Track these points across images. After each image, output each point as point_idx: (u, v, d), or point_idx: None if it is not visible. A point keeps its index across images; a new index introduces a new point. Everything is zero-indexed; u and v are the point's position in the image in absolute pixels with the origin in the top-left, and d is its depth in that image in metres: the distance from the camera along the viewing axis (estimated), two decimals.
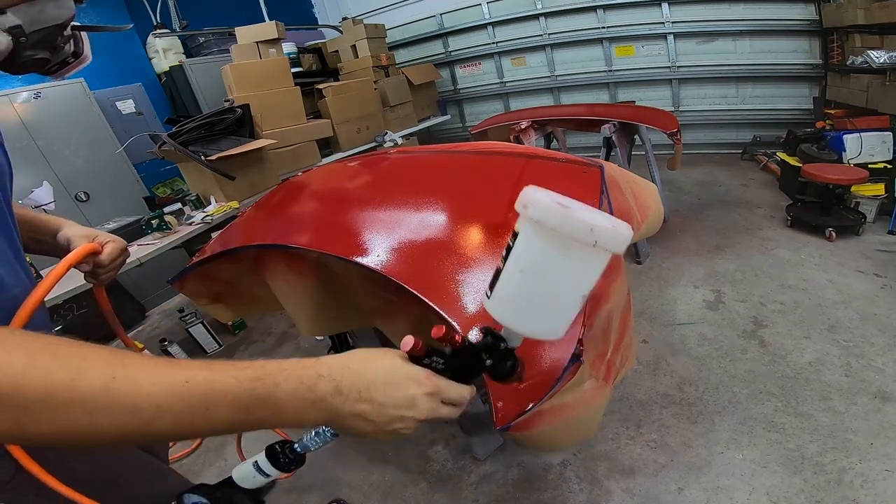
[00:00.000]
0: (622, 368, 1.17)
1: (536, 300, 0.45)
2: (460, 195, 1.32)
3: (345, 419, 0.48)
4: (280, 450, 0.56)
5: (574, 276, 0.44)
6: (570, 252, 0.42)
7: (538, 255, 0.43)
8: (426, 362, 0.52)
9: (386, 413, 0.48)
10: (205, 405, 0.40)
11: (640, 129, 2.99)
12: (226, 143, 2.94)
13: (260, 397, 0.43)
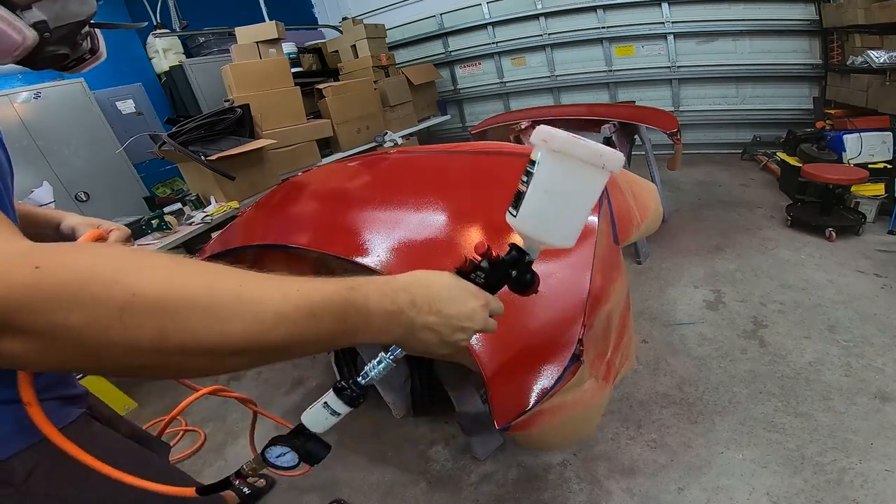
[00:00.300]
0: (622, 368, 1.17)
1: (556, 214, 0.56)
2: (460, 195, 1.32)
3: (417, 331, 0.52)
4: (346, 385, 0.58)
5: (585, 193, 0.55)
6: (583, 173, 0.53)
7: (559, 177, 0.53)
8: (472, 277, 0.60)
9: (450, 324, 0.54)
10: (312, 313, 0.42)
11: (640, 129, 2.99)
12: (226, 143, 2.94)
13: (355, 305, 0.46)
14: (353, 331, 0.47)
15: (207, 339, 0.37)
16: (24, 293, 0.31)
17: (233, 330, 0.38)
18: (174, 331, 0.35)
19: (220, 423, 2.10)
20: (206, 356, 0.38)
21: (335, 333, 0.45)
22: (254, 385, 2.37)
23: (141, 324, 0.34)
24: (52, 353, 0.33)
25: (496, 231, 1.12)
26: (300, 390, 2.26)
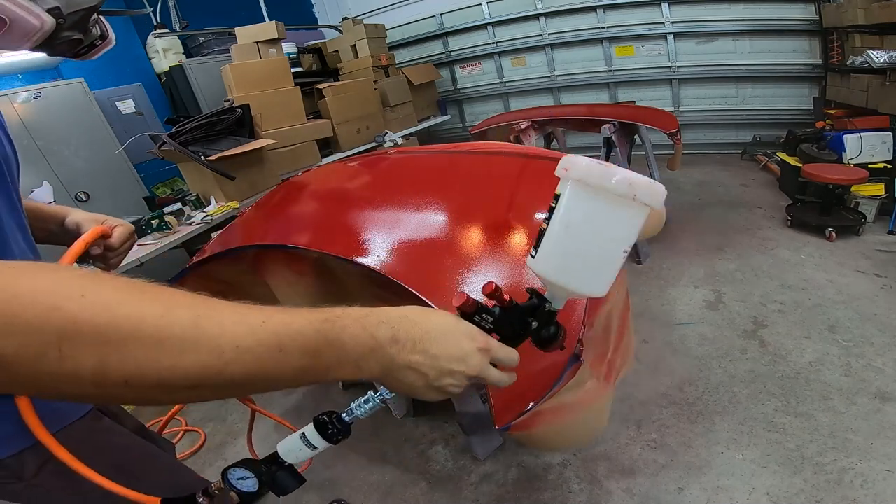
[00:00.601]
0: (622, 369, 1.17)
1: (581, 255, 0.48)
2: (460, 195, 1.32)
3: (399, 370, 0.47)
4: (328, 420, 0.54)
5: (616, 231, 0.47)
6: (612, 206, 0.45)
7: (581, 211, 0.46)
8: (476, 319, 0.53)
9: (438, 366, 0.48)
10: (279, 347, 0.39)
11: (640, 129, 2.99)
12: (226, 143, 2.94)
13: (328, 340, 0.42)
14: (326, 367, 0.43)
15: (154, 373, 0.34)
16: None
17: (185, 364, 0.35)
18: (117, 363, 0.33)
19: (220, 424, 2.11)
20: (154, 390, 0.35)
21: (305, 369, 0.41)
22: None
23: (80, 354, 0.31)
24: None
25: (496, 231, 1.12)
26: (300, 390, 2.26)
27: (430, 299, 0.95)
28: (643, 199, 0.45)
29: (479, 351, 0.50)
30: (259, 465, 0.57)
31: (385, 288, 1.14)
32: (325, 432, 0.54)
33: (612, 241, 0.48)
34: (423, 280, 1.00)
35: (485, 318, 0.53)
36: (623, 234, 0.47)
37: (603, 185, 0.45)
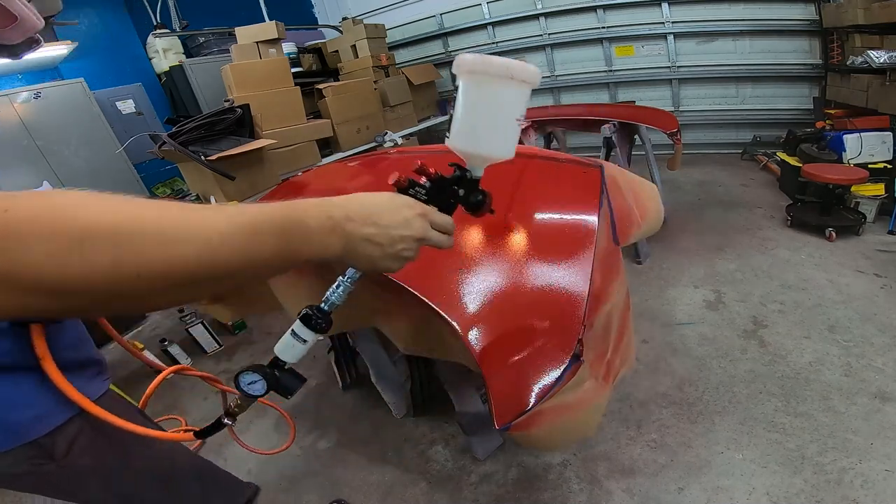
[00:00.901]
0: (622, 369, 1.17)
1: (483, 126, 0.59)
2: None
3: (357, 244, 0.54)
4: (311, 312, 0.62)
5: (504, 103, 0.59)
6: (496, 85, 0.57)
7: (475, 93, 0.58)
8: (411, 193, 0.62)
9: (389, 234, 0.56)
10: (254, 230, 0.44)
11: (640, 129, 2.99)
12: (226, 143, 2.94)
13: (293, 221, 0.48)
14: (296, 247, 0.48)
15: (159, 263, 0.38)
16: None
17: (183, 252, 0.39)
18: (128, 256, 0.37)
19: None
20: (161, 281, 0.39)
21: (279, 251, 0.47)
22: None
23: (98, 252, 0.35)
24: (12, 295, 0.33)
25: (495, 231, 1.12)
26: (300, 390, 2.26)
27: (430, 299, 0.95)
28: (520, 76, 0.58)
29: (418, 216, 0.59)
30: (263, 368, 0.64)
31: (384, 287, 1.14)
32: (309, 323, 0.61)
33: (504, 112, 0.59)
34: (422, 280, 1.00)
35: (418, 191, 0.63)
36: (511, 105, 0.59)
37: (486, 70, 0.56)
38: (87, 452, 0.75)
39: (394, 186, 0.63)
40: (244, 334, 2.89)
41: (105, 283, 0.36)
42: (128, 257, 0.37)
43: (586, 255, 1.00)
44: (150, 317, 3.40)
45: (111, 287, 0.37)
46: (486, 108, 0.59)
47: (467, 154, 0.63)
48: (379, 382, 1.90)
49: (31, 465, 0.70)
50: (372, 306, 1.26)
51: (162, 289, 0.40)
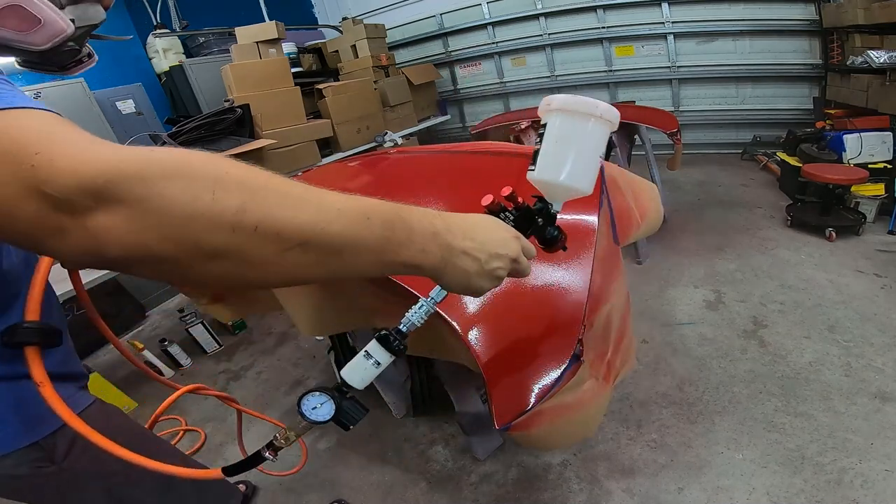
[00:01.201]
0: (622, 368, 1.17)
1: (568, 160, 0.63)
2: (460, 195, 1.32)
3: (455, 256, 0.54)
4: (389, 333, 0.60)
5: (590, 139, 0.62)
6: (584, 122, 0.61)
7: (564, 129, 0.62)
8: (501, 216, 0.65)
9: (486, 250, 0.56)
10: (366, 215, 0.46)
11: (640, 129, 2.99)
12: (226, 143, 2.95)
13: (401, 217, 0.49)
14: (399, 242, 0.49)
15: (279, 221, 0.40)
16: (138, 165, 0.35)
17: (301, 217, 0.41)
18: (254, 207, 0.38)
19: (220, 423, 2.11)
20: (274, 242, 0.40)
21: (383, 241, 0.47)
22: (254, 385, 2.37)
23: (228, 197, 0.37)
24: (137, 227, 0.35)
25: None
26: (300, 390, 2.26)
27: None
28: (605, 115, 0.61)
29: (514, 238, 0.60)
30: (331, 389, 0.60)
31: (385, 288, 1.14)
32: (387, 344, 0.59)
33: (589, 148, 0.63)
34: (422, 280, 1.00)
35: (507, 215, 0.65)
36: (595, 141, 0.63)
37: (576, 108, 0.61)
38: (86, 455, 0.76)
39: (486, 209, 0.66)
40: (244, 334, 2.89)
41: (224, 231, 0.37)
42: (252, 206, 0.38)
43: (586, 255, 1.00)
44: (150, 316, 3.40)
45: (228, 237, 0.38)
46: (575, 144, 0.62)
47: (553, 186, 0.65)
48: (379, 382, 1.90)
49: (32, 467, 0.72)
50: (372, 306, 1.26)
51: (273, 251, 0.40)
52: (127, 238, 0.35)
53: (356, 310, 1.31)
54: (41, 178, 0.32)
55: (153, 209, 0.35)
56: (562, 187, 0.64)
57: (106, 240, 0.34)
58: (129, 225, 0.34)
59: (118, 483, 0.86)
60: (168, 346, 2.57)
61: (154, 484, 0.91)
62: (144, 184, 0.34)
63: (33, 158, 0.32)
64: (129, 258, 0.36)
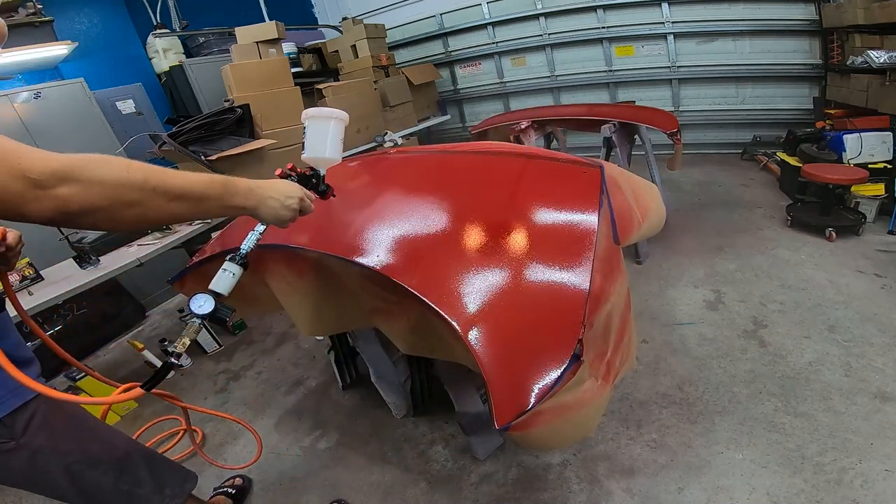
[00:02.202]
0: (622, 368, 1.17)
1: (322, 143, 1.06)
2: (460, 195, 1.32)
3: (265, 199, 0.89)
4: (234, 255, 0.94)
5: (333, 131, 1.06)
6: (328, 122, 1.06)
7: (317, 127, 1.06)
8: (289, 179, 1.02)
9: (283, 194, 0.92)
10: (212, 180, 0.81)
11: (640, 129, 2.99)
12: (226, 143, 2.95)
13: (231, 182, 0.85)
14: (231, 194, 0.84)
15: (166, 184, 0.72)
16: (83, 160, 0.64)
17: (178, 182, 0.74)
18: (151, 178, 0.70)
19: (221, 423, 2.11)
20: (164, 196, 0.72)
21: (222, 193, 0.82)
22: (254, 385, 2.37)
23: (136, 173, 0.69)
24: (85, 193, 0.63)
25: (495, 231, 1.12)
26: (300, 390, 2.26)
27: (430, 299, 0.95)
28: (338, 116, 1.07)
29: (298, 188, 0.97)
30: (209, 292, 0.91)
31: (385, 288, 1.14)
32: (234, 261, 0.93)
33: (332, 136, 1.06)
34: (422, 280, 1.00)
35: (292, 178, 1.03)
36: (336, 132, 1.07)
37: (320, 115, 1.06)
38: (43, 433, 0.90)
39: (278, 175, 1.03)
40: (244, 334, 2.89)
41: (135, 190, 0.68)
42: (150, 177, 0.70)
43: (586, 255, 1.00)
44: (150, 316, 3.40)
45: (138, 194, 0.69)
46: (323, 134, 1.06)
47: (316, 159, 1.07)
48: (379, 382, 1.90)
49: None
50: (372, 306, 1.26)
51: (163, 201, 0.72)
52: (81, 199, 0.63)
53: (356, 310, 1.32)
54: (26, 168, 0.59)
55: (95, 182, 0.64)
56: (323, 160, 1.07)
57: (69, 201, 0.62)
58: (82, 192, 0.63)
59: (76, 462, 0.96)
60: (168, 346, 2.57)
61: (110, 465, 1.02)
62: (89, 169, 0.64)
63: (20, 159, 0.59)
64: (81, 211, 0.63)
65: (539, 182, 1.31)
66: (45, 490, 0.97)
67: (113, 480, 1.03)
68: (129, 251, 2.47)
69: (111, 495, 1.04)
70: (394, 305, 1.19)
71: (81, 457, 0.97)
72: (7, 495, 1.91)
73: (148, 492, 1.10)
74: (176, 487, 1.18)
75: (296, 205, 0.94)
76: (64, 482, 0.95)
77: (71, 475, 0.96)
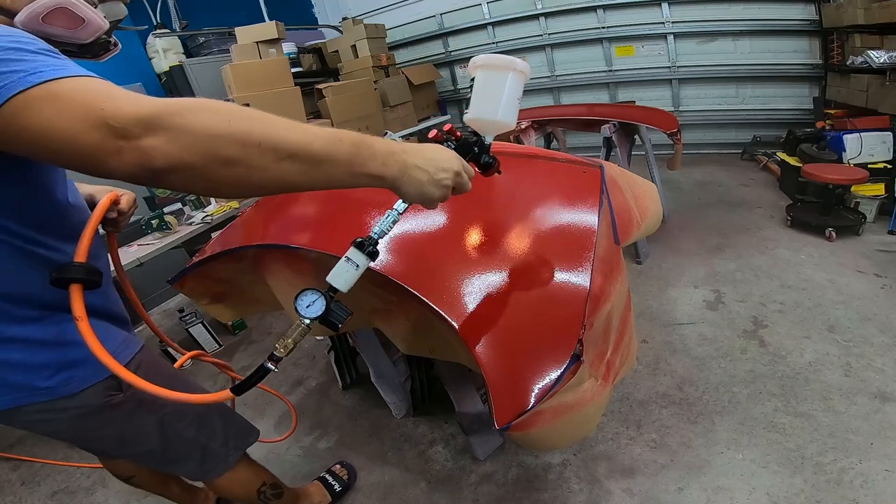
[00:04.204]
0: (622, 368, 1.17)
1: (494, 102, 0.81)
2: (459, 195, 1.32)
3: (410, 168, 0.68)
4: (364, 240, 0.75)
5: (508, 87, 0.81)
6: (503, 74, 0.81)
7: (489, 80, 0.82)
8: (445, 144, 0.80)
9: (435, 164, 0.71)
10: (339, 137, 0.62)
11: (640, 129, 2.99)
12: None
13: (364, 141, 0.65)
14: (364, 157, 0.64)
15: (275, 139, 0.56)
16: (176, 105, 0.51)
17: (292, 137, 0.57)
18: (258, 129, 0.55)
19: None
20: (272, 153, 0.56)
21: (352, 156, 0.62)
22: None
23: (240, 123, 0.54)
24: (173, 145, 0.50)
25: (495, 231, 1.12)
26: (300, 390, 2.26)
27: (430, 299, 0.95)
28: (519, 68, 0.81)
29: (455, 157, 0.75)
30: (321, 291, 0.73)
31: (385, 288, 1.14)
32: (363, 249, 0.74)
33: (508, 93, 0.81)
34: (422, 280, 1.00)
35: (449, 144, 0.81)
36: (513, 88, 0.81)
37: (495, 63, 0.81)
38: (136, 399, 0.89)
39: (431, 139, 0.82)
40: (244, 334, 2.89)
41: (235, 145, 0.53)
42: (257, 128, 0.55)
43: (586, 255, 1.00)
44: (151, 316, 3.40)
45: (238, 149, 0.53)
46: (498, 90, 0.80)
47: (483, 122, 0.83)
48: (379, 382, 1.90)
49: (105, 395, 0.84)
50: (372, 306, 1.26)
51: (271, 160, 0.56)
52: (169, 152, 0.50)
53: (356, 310, 1.31)
54: (108, 115, 0.48)
55: (188, 131, 0.51)
56: (494, 123, 0.83)
57: (153, 155, 0.50)
58: (169, 144, 0.50)
59: (168, 414, 0.97)
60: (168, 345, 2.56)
61: (193, 418, 1.04)
62: (181, 115, 0.51)
63: (103, 103, 0.49)
64: (168, 167, 0.51)
65: (539, 182, 1.31)
66: (132, 444, 0.97)
67: (195, 433, 1.06)
68: (129, 251, 2.47)
69: (189, 448, 1.07)
70: (394, 305, 1.19)
71: (173, 408, 0.98)
72: (7, 495, 1.91)
73: (217, 445, 1.13)
74: (239, 440, 1.21)
75: (450, 180, 0.72)
76: (155, 435, 0.97)
77: (162, 428, 0.97)
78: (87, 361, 0.77)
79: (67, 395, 0.79)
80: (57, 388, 0.78)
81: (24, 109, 0.49)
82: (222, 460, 1.16)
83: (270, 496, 1.32)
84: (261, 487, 1.29)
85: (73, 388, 0.79)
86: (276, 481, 1.36)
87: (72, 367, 0.79)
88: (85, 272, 0.72)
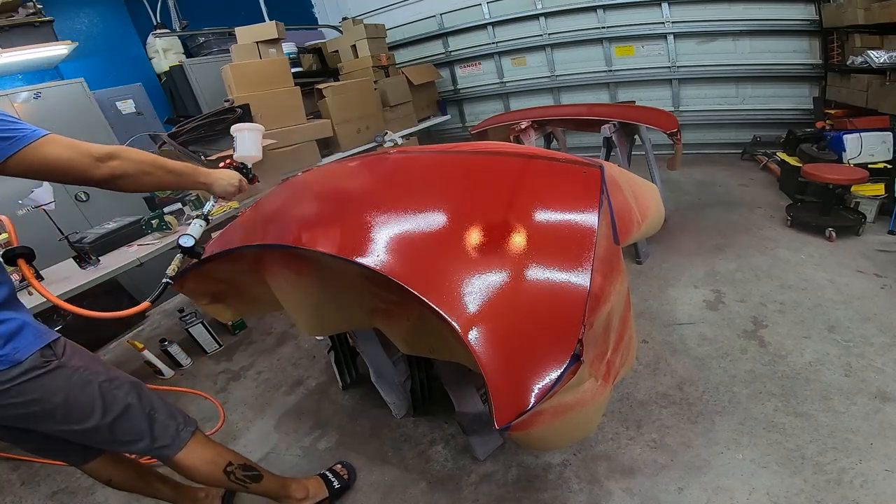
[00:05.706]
0: (622, 368, 1.17)
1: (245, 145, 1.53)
2: (459, 195, 1.32)
3: (217, 180, 1.32)
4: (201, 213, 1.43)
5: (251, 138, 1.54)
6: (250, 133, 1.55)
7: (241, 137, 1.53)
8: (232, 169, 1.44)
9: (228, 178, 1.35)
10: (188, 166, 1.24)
11: (640, 129, 2.99)
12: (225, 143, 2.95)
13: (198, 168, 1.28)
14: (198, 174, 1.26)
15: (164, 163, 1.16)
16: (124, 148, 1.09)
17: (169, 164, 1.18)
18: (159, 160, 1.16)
19: (217, 423, 2.10)
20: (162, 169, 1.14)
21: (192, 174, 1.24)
22: (254, 385, 2.37)
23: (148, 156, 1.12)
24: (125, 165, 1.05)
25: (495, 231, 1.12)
26: (300, 390, 2.26)
27: (430, 299, 0.95)
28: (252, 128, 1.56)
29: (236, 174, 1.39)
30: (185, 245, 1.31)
31: (385, 288, 1.14)
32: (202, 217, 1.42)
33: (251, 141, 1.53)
34: (422, 280, 1.00)
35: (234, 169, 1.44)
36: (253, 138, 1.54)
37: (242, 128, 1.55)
38: (76, 356, 1.09)
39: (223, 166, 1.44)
40: (244, 334, 2.90)
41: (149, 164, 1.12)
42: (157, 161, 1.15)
43: (586, 255, 1.00)
44: (150, 316, 3.40)
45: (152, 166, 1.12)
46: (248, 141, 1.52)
47: (243, 157, 1.50)
48: (379, 382, 1.90)
49: (44, 361, 1.00)
50: (372, 306, 1.26)
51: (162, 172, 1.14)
52: (122, 168, 1.05)
53: (356, 310, 1.31)
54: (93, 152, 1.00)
55: (130, 158, 1.06)
56: (248, 157, 1.51)
57: (115, 169, 1.03)
58: (122, 164, 1.05)
59: (105, 381, 1.11)
60: (168, 346, 2.57)
61: (130, 387, 1.17)
62: (125, 151, 1.07)
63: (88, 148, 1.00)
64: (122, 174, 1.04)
65: (539, 182, 1.31)
66: (79, 412, 1.07)
67: (137, 401, 1.16)
68: (129, 251, 2.47)
69: (136, 418, 1.15)
70: (394, 305, 1.19)
71: (109, 376, 1.13)
72: (7, 495, 1.91)
73: (164, 417, 1.21)
74: (187, 418, 1.28)
75: (237, 185, 1.36)
76: (98, 402, 1.08)
77: (102, 394, 1.09)
78: (25, 330, 0.99)
79: (16, 362, 0.95)
80: (9, 355, 0.95)
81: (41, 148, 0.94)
82: (175, 435, 1.22)
83: (242, 477, 1.32)
84: (227, 467, 1.30)
85: (20, 357, 0.96)
86: (248, 462, 1.37)
87: (15, 338, 0.97)
88: (23, 249, 1.14)
